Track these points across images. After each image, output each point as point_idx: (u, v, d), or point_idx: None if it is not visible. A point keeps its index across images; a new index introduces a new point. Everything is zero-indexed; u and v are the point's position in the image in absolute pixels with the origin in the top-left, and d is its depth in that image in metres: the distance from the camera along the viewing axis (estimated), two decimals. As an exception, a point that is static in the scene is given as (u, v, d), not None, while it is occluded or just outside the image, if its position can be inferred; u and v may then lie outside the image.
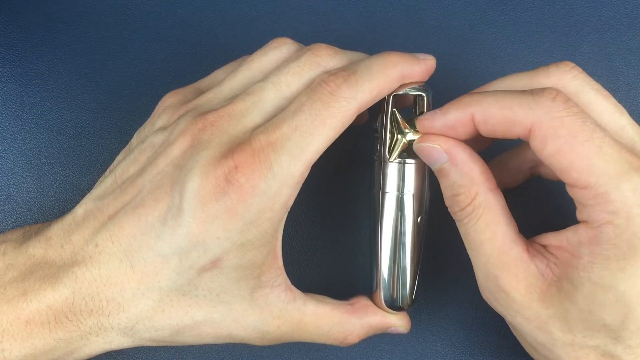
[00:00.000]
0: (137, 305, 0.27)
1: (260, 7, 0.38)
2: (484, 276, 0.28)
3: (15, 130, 0.36)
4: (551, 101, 0.26)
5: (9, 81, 0.37)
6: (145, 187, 0.28)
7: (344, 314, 0.31)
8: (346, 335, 0.31)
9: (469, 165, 0.28)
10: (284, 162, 0.26)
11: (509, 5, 0.38)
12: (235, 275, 0.28)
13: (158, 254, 0.27)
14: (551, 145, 0.26)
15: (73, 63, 0.37)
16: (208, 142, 0.27)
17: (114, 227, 0.28)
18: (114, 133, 0.37)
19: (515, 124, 0.26)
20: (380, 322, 0.31)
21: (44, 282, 0.27)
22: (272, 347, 0.35)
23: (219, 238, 0.26)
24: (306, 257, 0.36)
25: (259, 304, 0.29)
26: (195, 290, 0.28)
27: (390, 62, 0.28)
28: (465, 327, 0.35)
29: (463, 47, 0.37)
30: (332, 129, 0.27)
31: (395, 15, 0.38)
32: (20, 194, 0.36)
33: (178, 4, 0.38)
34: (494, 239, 0.27)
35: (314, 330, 0.30)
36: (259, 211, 0.26)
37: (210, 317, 0.28)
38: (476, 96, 0.27)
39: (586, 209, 0.26)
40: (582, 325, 0.26)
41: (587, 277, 0.26)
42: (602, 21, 0.37)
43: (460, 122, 0.27)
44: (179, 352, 0.35)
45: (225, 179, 0.26)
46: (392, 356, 0.35)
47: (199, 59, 0.37)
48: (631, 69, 0.37)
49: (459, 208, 0.28)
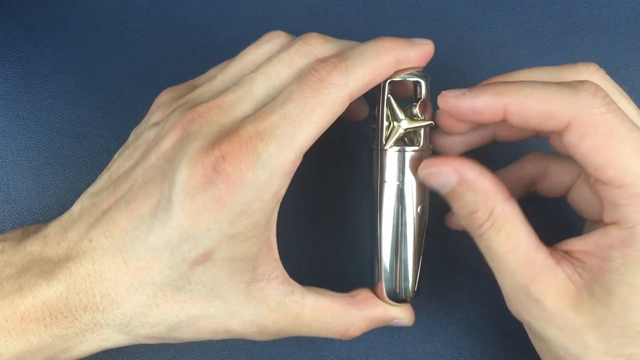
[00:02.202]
0: (131, 300, 0.27)
1: (260, 7, 0.38)
2: (511, 288, 0.27)
3: (15, 130, 0.36)
4: (592, 96, 0.25)
5: (9, 81, 0.37)
6: (137, 181, 0.28)
7: (345, 306, 0.30)
8: (347, 328, 0.30)
9: (481, 179, 0.27)
10: (272, 151, 0.26)
11: (509, 5, 0.38)
12: (229, 268, 0.27)
13: (150, 248, 0.27)
14: (589, 141, 0.25)
15: (73, 63, 0.37)
16: (197, 134, 0.27)
17: (107, 222, 0.27)
18: (114, 133, 0.37)
19: (552, 117, 0.26)
20: (382, 314, 0.31)
21: (39, 278, 0.27)
22: (272, 347, 0.35)
23: (209, 230, 0.26)
24: (306, 253, 0.36)
25: (256, 297, 0.28)
26: (189, 285, 0.27)
27: (383, 47, 0.28)
28: (465, 327, 0.35)
29: (463, 47, 0.37)
30: (322, 117, 0.26)
31: (395, 15, 0.38)
32: (20, 194, 0.36)
33: (178, 4, 0.38)
34: (518, 249, 0.26)
35: (314, 323, 0.30)
36: (249, 201, 0.26)
37: (206, 311, 0.28)
38: (511, 85, 0.26)
39: (619, 209, 0.25)
40: (617, 332, 0.25)
41: (622, 280, 0.25)
42: (602, 21, 0.37)
43: (490, 109, 0.26)
44: (179, 352, 0.35)
45: (213, 169, 0.26)
46: (391, 356, 0.35)
47: (199, 59, 0.37)
48: (631, 69, 0.37)
49: (478, 225, 0.27)
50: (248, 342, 0.35)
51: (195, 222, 0.26)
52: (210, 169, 0.26)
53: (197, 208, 0.26)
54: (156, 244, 0.27)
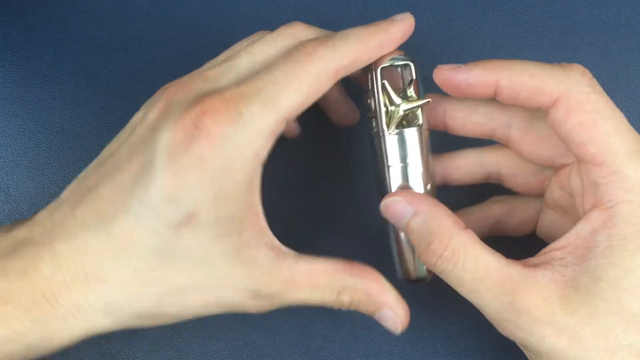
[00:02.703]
0: (115, 274, 0.27)
1: (260, 7, 0.38)
2: (496, 311, 0.27)
3: (15, 130, 0.36)
4: (580, 75, 0.26)
5: (9, 81, 0.37)
6: (122, 154, 0.28)
7: (340, 271, 0.29)
8: (339, 292, 0.28)
9: (434, 210, 0.28)
10: (255, 111, 0.26)
11: (509, 5, 0.38)
12: (214, 232, 0.26)
13: (133, 215, 0.26)
14: (575, 118, 0.26)
15: (73, 63, 0.37)
16: (180, 100, 0.27)
17: (92, 197, 0.27)
18: (114, 133, 0.36)
19: (542, 93, 0.27)
20: (378, 290, 0.29)
21: (24, 260, 0.27)
22: (272, 347, 0.35)
23: (192, 189, 0.26)
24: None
25: (246, 261, 0.27)
26: (175, 252, 0.26)
27: (367, 31, 0.28)
28: (465, 327, 0.35)
29: (463, 47, 0.37)
30: (307, 87, 0.27)
31: (395, 15, 0.38)
32: (20, 194, 0.36)
33: (178, 4, 0.38)
34: (490, 270, 0.27)
35: (308, 288, 0.28)
36: (230, 158, 0.26)
37: (193, 280, 0.27)
38: (504, 62, 0.28)
39: (599, 188, 0.26)
40: (612, 321, 0.25)
41: (608, 263, 0.25)
42: (602, 21, 0.37)
43: (483, 83, 0.27)
44: (179, 352, 0.35)
45: (194, 125, 0.26)
46: (391, 356, 0.35)
47: (199, 59, 0.37)
48: (631, 69, 0.37)
49: (436, 257, 0.27)
50: (248, 342, 0.35)
51: (177, 182, 0.26)
52: (191, 125, 0.26)
53: (179, 167, 0.26)
54: (139, 210, 0.26)
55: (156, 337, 0.35)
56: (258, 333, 0.35)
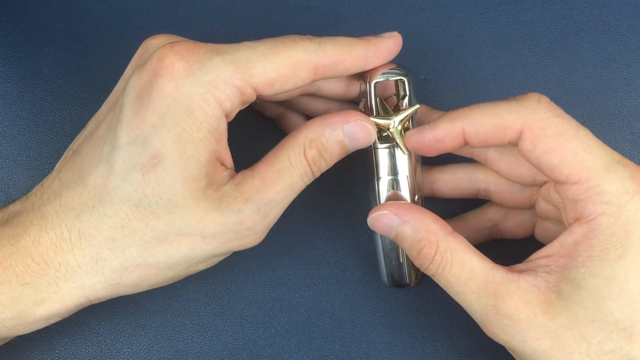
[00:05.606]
0: (96, 227, 0.27)
1: (260, 7, 0.38)
2: (481, 313, 0.28)
3: (15, 130, 0.36)
4: (537, 103, 0.27)
5: (9, 81, 0.37)
6: (103, 111, 0.29)
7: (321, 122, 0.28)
8: (305, 148, 0.28)
9: (420, 217, 0.29)
10: (226, 61, 0.26)
11: (509, 5, 0.38)
12: (181, 174, 0.26)
13: (105, 162, 0.27)
14: (542, 145, 0.27)
15: (73, 63, 0.37)
16: (156, 45, 0.28)
17: (75, 157, 0.28)
18: (114, 133, 0.37)
19: (505, 128, 0.27)
20: (340, 116, 0.28)
21: (17, 227, 0.28)
22: (272, 348, 0.35)
23: (155, 126, 0.26)
24: (310, 252, 0.36)
25: (218, 196, 0.27)
26: (146, 199, 0.27)
27: (355, 40, 0.29)
28: (465, 327, 0.35)
29: (463, 47, 0.37)
30: (284, 65, 0.27)
31: (395, 15, 0.38)
32: (20, 194, 0.36)
33: (178, 4, 0.38)
34: (476, 274, 0.28)
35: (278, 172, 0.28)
36: (191, 95, 0.26)
37: (172, 224, 0.27)
38: (462, 110, 0.28)
39: (579, 204, 0.26)
40: (594, 327, 0.26)
41: (588, 272, 0.26)
42: (602, 21, 0.37)
43: (450, 135, 0.28)
44: (179, 353, 0.35)
45: (159, 60, 0.26)
46: (392, 356, 0.35)
47: (199, 59, 0.37)
48: (631, 69, 0.37)
49: (428, 261, 0.28)
50: (248, 342, 0.35)
51: (142, 120, 0.26)
52: (157, 61, 0.26)
53: (143, 104, 0.26)
54: (110, 155, 0.27)
55: (156, 337, 0.35)
56: (258, 333, 0.35)
